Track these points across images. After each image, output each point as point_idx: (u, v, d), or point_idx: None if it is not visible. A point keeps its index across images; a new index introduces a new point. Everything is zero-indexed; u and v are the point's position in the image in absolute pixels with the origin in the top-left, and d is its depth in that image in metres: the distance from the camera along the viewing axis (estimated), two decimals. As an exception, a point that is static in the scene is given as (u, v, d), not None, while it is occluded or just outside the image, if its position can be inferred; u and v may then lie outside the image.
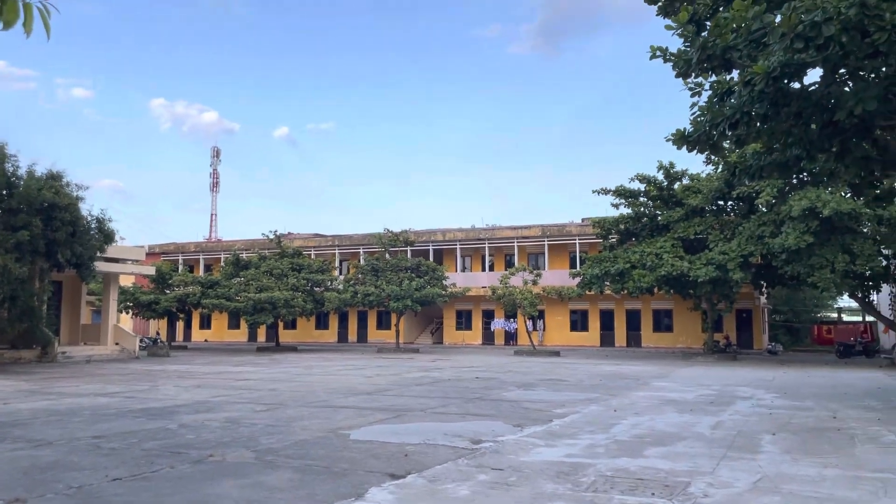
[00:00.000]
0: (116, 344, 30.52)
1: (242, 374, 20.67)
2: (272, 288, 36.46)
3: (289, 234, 52.32)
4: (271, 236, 41.58)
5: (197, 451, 7.91)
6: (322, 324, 50.16)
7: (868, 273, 27.66)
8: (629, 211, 33.91)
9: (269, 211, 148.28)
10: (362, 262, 42.77)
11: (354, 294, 37.64)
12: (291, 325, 48.30)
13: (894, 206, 25.82)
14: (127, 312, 41.15)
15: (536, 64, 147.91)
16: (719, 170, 30.48)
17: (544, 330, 44.14)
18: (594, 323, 43.92)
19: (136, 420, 10.58)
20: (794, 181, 16.14)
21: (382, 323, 47.86)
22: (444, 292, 37.71)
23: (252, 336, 50.58)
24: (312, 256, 46.27)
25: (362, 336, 48.90)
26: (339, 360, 28.24)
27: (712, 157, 26.09)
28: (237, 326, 50.74)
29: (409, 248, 43.11)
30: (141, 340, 35.71)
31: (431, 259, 43.15)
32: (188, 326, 53.18)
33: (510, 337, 44.68)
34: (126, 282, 40.00)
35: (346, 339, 49.38)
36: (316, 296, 38.48)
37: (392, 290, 36.03)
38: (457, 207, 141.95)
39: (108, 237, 27.01)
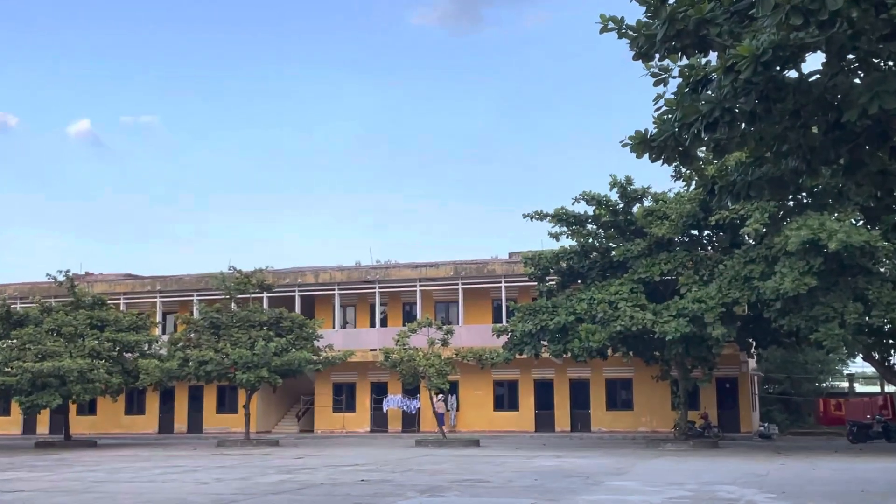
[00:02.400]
0: None
1: (11, 482, 19.78)
2: (61, 354, 35.16)
3: (88, 274, 50.90)
4: (61, 278, 40.08)
5: None
6: (136, 406, 48.67)
7: (888, 327, 28.94)
8: (573, 243, 34.58)
9: (59, 241, 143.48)
10: (196, 314, 41.76)
11: (184, 361, 36.60)
12: (89, 408, 46.53)
13: (919, 237, 27.41)
14: None
15: (445, 41, 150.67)
16: (692, 187, 31.60)
17: (458, 410, 44.15)
18: (527, 399, 44.26)
19: None
20: (791, 203, 16.80)
21: (226, 404, 46.86)
22: (315, 357, 37.21)
23: (29, 426, 48.59)
24: (123, 307, 45.01)
25: (196, 423, 47.67)
26: (161, 460, 27.51)
27: (683, 168, 27.15)
28: (6, 412, 48.49)
29: (265, 295, 42.49)
30: None
31: (299, 310, 42.59)
32: (-71, 413, 50.46)
33: (410, 421, 44.39)
34: None
35: (172, 427, 48.03)
36: (127, 365, 37.39)
37: (240, 355, 35.23)
38: (337, 239, 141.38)
39: None
